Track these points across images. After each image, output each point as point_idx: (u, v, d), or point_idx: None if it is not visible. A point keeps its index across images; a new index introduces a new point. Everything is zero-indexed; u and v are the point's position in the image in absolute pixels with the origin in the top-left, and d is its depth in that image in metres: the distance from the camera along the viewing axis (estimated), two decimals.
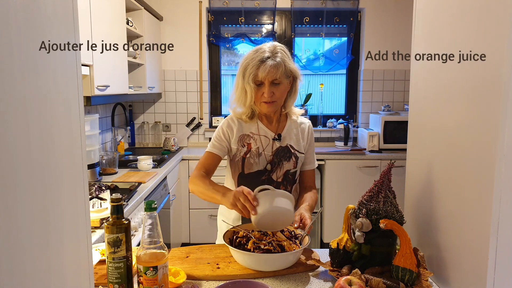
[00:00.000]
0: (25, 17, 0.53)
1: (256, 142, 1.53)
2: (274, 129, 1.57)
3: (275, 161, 1.53)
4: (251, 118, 1.55)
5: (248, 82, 1.44)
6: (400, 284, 1.04)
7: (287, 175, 1.55)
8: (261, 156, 1.52)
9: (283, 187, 1.54)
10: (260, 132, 1.55)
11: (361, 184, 3.31)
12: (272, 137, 1.55)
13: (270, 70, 1.41)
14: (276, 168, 1.53)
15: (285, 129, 1.57)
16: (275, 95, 1.46)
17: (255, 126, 1.56)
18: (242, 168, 1.54)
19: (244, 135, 1.54)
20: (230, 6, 3.77)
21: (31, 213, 0.54)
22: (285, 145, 1.55)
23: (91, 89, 2.11)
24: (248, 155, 1.52)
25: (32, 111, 0.54)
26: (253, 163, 1.52)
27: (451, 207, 1.07)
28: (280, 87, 1.46)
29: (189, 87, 3.88)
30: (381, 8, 3.79)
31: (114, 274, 1.01)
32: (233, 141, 1.54)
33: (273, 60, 1.43)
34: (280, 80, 1.44)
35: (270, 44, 1.49)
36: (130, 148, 3.69)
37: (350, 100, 4.08)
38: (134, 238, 1.92)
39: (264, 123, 1.56)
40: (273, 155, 1.53)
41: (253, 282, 1.01)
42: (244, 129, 1.55)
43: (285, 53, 1.48)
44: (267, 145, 1.54)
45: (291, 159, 1.55)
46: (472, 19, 0.97)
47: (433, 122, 1.19)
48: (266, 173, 1.53)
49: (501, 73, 0.83)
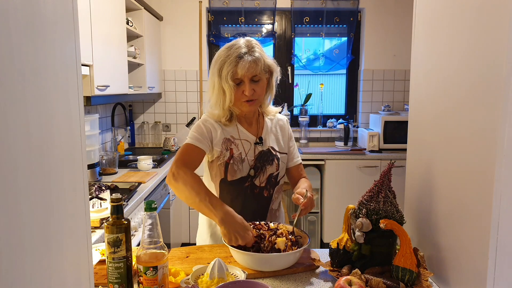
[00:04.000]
0: (25, 17, 0.53)
1: (238, 147, 1.45)
2: (254, 132, 1.49)
3: (258, 166, 1.46)
4: (230, 121, 1.45)
5: (226, 81, 1.35)
6: (400, 284, 1.04)
7: (270, 178, 1.48)
8: (244, 162, 1.44)
9: (266, 192, 1.49)
10: (241, 136, 1.46)
11: (361, 184, 3.31)
12: (253, 141, 1.47)
13: (250, 66, 1.33)
14: (260, 173, 1.46)
15: (265, 131, 1.51)
16: (256, 92, 1.38)
17: (235, 130, 1.47)
18: (225, 174, 1.45)
19: (226, 139, 1.45)
20: (230, 6, 3.78)
21: (31, 213, 0.54)
22: (266, 148, 1.48)
23: (91, 89, 2.11)
24: (231, 161, 1.43)
25: (32, 111, 0.54)
26: (237, 169, 1.44)
27: (451, 207, 1.07)
28: (260, 84, 1.39)
29: (189, 87, 3.88)
30: (381, 8, 3.79)
31: (114, 274, 1.01)
32: (216, 142, 1.44)
33: (251, 55, 1.35)
34: (260, 76, 1.37)
35: (243, 39, 1.41)
36: (130, 148, 3.69)
37: (350, 100, 4.08)
38: (134, 238, 1.92)
39: (244, 126, 1.48)
40: (255, 159, 1.46)
41: (253, 282, 1.01)
42: (225, 133, 1.46)
43: (261, 48, 1.42)
44: (249, 149, 1.46)
45: (274, 162, 1.48)
46: (472, 19, 0.97)
47: (433, 122, 1.19)
48: (249, 179, 1.46)
49: (501, 73, 0.83)
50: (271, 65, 1.43)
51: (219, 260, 1.10)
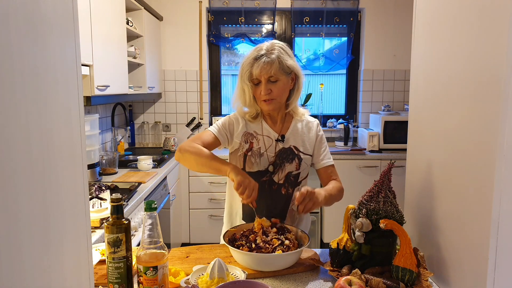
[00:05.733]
0: (25, 17, 0.53)
1: (259, 142, 1.52)
2: (278, 129, 1.54)
3: (277, 163, 1.51)
4: (254, 118, 1.53)
5: (244, 81, 1.44)
6: (400, 284, 1.04)
7: (289, 177, 1.52)
8: (262, 157, 1.51)
9: (284, 189, 1.52)
10: (264, 132, 1.53)
11: (361, 184, 3.29)
12: (275, 138, 1.53)
13: (263, 67, 1.39)
14: (278, 169, 1.51)
15: (290, 130, 1.55)
16: (273, 92, 1.43)
17: (259, 126, 1.54)
18: (243, 164, 1.52)
19: (248, 133, 1.53)
20: (230, 6, 3.77)
21: (31, 213, 0.54)
22: (288, 146, 1.53)
23: (91, 89, 2.11)
24: (249, 153, 1.51)
25: (32, 111, 0.54)
26: (254, 162, 1.50)
27: (451, 207, 1.07)
28: (277, 84, 1.43)
29: (189, 87, 3.88)
30: (381, 8, 3.79)
31: (114, 274, 1.01)
32: (237, 134, 1.52)
33: (267, 57, 1.40)
34: (276, 77, 1.41)
35: (269, 42, 1.47)
36: (130, 148, 3.69)
37: (350, 100, 4.08)
38: (134, 238, 1.92)
39: (268, 124, 1.54)
40: (275, 156, 1.51)
41: (253, 282, 1.01)
42: (248, 127, 1.54)
43: (283, 50, 1.45)
44: (270, 145, 1.52)
45: (294, 161, 1.52)
46: (472, 19, 0.97)
47: (433, 122, 1.19)
48: (267, 174, 1.51)
49: (501, 73, 0.83)
50: (292, 66, 1.45)
51: (219, 260, 1.10)
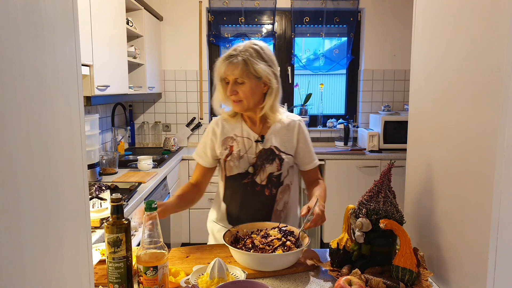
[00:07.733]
0: (25, 17, 0.53)
1: (239, 144, 1.51)
2: (258, 130, 1.53)
3: (258, 164, 1.49)
4: (232, 116, 1.53)
5: (216, 79, 1.47)
6: (400, 284, 1.04)
7: (270, 177, 1.50)
8: (242, 159, 1.49)
9: (267, 190, 1.50)
10: (244, 134, 1.52)
11: (361, 184, 3.31)
12: (255, 139, 1.51)
13: (228, 68, 1.41)
14: (259, 171, 1.49)
15: (270, 130, 1.52)
16: (239, 94, 1.43)
17: (239, 127, 1.53)
18: (224, 170, 1.53)
19: (227, 138, 1.52)
20: (230, 6, 3.77)
21: (31, 213, 0.54)
22: (268, 147, 1.50)
23: (91, 89, 2.11)
24: (229, 158, 1.50)
25: (32, 111, 0.54)
26: (233, 166, 1.49)
27: (451, 207, 1.07)
28: (243, 87, 1.42)
29: (189, 87, 3.88)
30: (381, 8, 3.79)
31: (114, 274, 1.01)
32: (217, 146, 1.53)
33: (235, 58, 1.40)
34: (243, 79, 1.40)
35: (248, 42, 1.46)
36: (130, 148, 3.69)
37: (350, 100, 4.08)
38: (134, 238, 1.92)
39: (248, 125, 1.53)
40: (256, 157, 1.50)
41: (253, 282, 1.01)
42: (228, 131, 1.53)
43: (256, 53, 1.42)
44: (250, 147, 1.50)
45: (275, 161, 1.49)
46: (472, 19, 0.97)
47: (433, 122, 1.19)
48: (248, 176, 1.50)
49: (501, 73, 0.83)
50: (260, 71, 1.41)
51: (219, 260, 1.10)
